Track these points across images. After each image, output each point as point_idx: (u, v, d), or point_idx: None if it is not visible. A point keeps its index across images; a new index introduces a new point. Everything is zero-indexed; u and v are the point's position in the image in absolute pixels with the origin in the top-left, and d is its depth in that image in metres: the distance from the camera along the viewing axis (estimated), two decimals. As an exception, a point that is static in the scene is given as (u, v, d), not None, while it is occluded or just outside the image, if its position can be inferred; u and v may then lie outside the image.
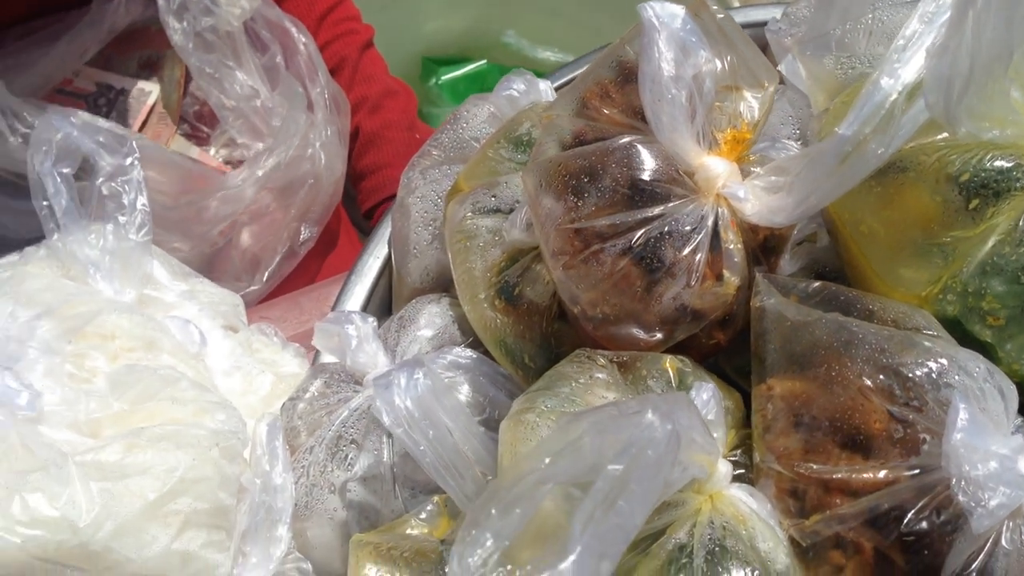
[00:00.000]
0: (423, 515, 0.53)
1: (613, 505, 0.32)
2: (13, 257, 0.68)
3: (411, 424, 0.48)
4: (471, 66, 1.49)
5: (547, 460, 0.35)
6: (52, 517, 0.44)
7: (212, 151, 0.96)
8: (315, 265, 0.98)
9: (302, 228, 0.91)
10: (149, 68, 0.99)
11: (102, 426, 0.50)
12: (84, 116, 0.79)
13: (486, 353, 0.57)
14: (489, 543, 0.32)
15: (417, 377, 0.48)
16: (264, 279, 0.90)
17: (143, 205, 0.62)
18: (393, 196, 1.10)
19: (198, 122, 0.97)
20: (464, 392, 0.53)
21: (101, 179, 0.61)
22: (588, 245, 0.50)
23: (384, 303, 0.71)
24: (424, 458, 0.48)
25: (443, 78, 1.47)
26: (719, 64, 0.50)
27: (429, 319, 0.59)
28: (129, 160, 0.62)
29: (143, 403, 0.51)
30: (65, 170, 0.61)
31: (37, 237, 0.63)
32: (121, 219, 0.61)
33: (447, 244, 0.62)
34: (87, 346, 0.54)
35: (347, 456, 0.55)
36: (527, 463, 0.36)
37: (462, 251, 0.59)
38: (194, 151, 0.95)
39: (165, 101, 0.97)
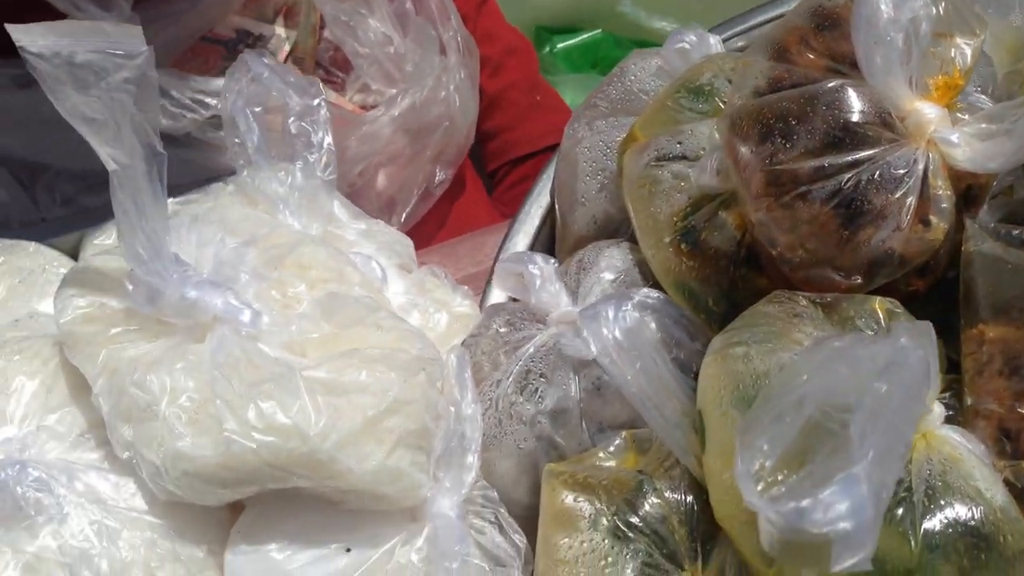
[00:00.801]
0: (611, 449, 0.54)
1: (883, 421, 0.33)
2: (194, 195, 0.71)
3: (619, 354, 0.49)
4: (586, 35, 1.49)
5: (804, 378, 0.36)
6: (285, 425, 0.46)
7: (347, 96, 0.97)
8: (445, 208, 0.99)
9: (437, 170, 0.93)
10: (285, 15, 1.01)
11: (311, 347, 0.52)
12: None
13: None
14: (765, 447, 0.33)
15: (626, 309, 0.49)
16: (401, 220, 0.92)
17: (329, 144, 0.64)
18: (516, 159, 1.12)
19: (332, 67, 0.99)
20: (653, 331, 0.54)
21: (292, 118, 0.63)
22: (793, 187, 0.50)
23: (546, 251, 0.72)
24: (629, 388, 0.49)
25: (558, 47, 1.48)
26: (934, 9, 0.50)
27: (610, 263, 0.60)
28: (316, 101, 0.64)
29: (348, 328, 0.53)
30: (256, 109, 0.64)
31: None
32: (310, 158, 0.63)
33: (625, 192, 0.63)
34: (288, 274, 0.56)
35: (536, 389, 0.56)
36: (779, 383, 0.37)
37: (645, 197, 0.60)
38: (331, 95, 0.97)
39: (301, 47, 0.99)
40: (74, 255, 0.68)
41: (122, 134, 0.46)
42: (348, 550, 0.51)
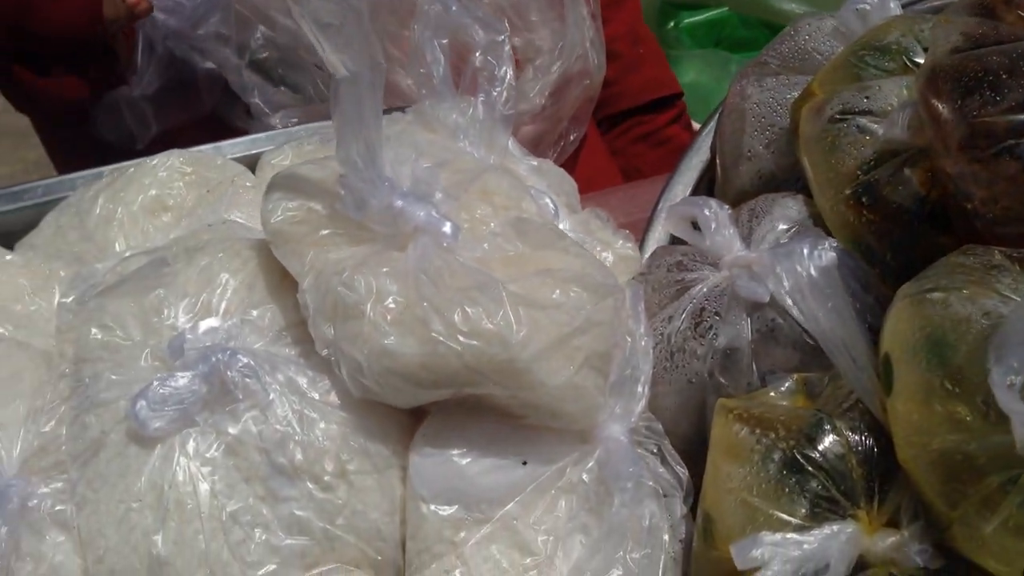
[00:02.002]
0: (781, 390, 0.55)
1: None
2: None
3: (812, 291, 0.50)
4: (713, 12, 1.48)
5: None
6: (489, 330, 0.48)
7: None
8: (571, 161, 1.01)
9: (572, 126, 0.94)
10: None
11: (500, 265, 0.54)
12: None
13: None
14: (1015, 364, 0.34)
15: (822, 247, 0.50)
16: (538, 177, 0.93)
17: (510, 79, 0.65)
18: (622, 112, 1.12)
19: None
20: (845, 273, 0.54)
21: (477, 52, 0.65)
22: (995, 142, 0.50)
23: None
24: (819, 326, 0.50)
25: (684, 22, 1.48)
26: None
27: (784, 212, 0.61)
28: (501, 37, 0.65)
29: (539, 250, 0.54)
30: (443, 41, 0.65)
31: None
32: (492, 92, 0.65)
33: (801, 146, 0.63)
34: (474, 198, 0.58)
35: (711, 327, 0.57)
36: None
37: (826, 150, 0.60)
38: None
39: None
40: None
41: (353, 42, 0.49)
42: (524, 463, 0.53)
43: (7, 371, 0.54)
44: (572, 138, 0.92)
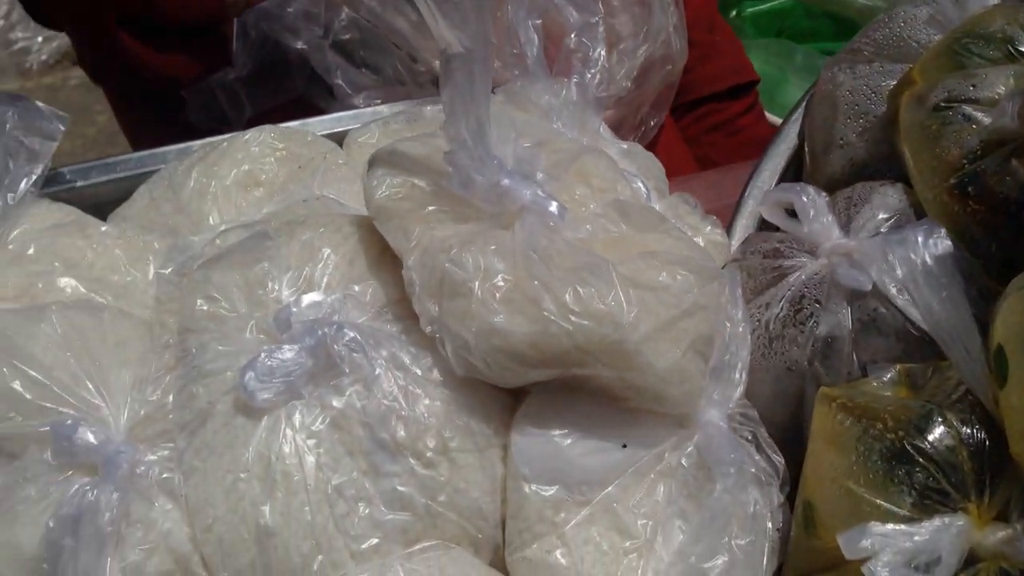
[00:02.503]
0: (884, 380, 0.55)
1: None
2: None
3: (926, 280, 0.49)
4: (776, 1, 1.47)
5: None
6: (601, 311, 0.48)
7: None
8: (648, 148, 1.00)
9: (652, 113, 0.93)
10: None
11: (602, 246, 0.53)
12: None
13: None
14: None
15: (938, 236, 0.49)
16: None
17: (603, 61, 0.65)
18: (696, 100, 1.10)
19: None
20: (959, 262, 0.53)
21: (572, 34, 0.64)
22: (1115, 132, 0.49)
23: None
24: (932, 317, 0.49)
25: (747, 11, 1.46)
26: None
27: (883, 201, 0.60)
28: (596, 18, 0.65)
29: (643, 232, 0.54)
30: (537, 21, 0.65)
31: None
32: (587, 74, 0.64)
33: (902, 135, 0.62)
34: (572, 179, 0.58)
35: (811, 315, 0.57)
36: None
37: (929, 139, 0.59)
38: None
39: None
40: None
41: (468, 18, 0.48)
42: (624, 446, 0.53)
43: (113, 339, 0.55)
44: (652, 124, 0.92)
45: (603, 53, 0.65)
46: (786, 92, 1.36)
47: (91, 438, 0.50)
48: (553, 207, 0.52)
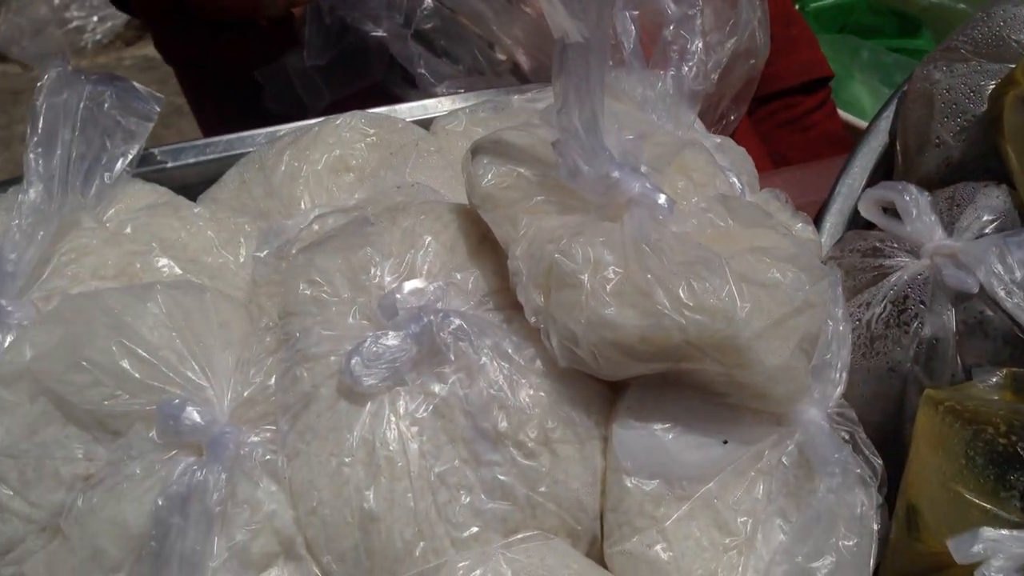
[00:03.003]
0: (990, 383, 0.54)
1: None
2: (537, 92, 0.73)
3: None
4: (842, -5, 1.45)
5: None
6: (715, 306, 0.47)
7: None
8: None
9: (732, 107, 0.92)
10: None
11: (712, 241, 0.53)
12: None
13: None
14: None
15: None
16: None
17: (700, 54, 0.64)
18: (770, 95, 1.09)
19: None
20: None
21: (670, 26, 0.64)
22: None
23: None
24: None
25: (810, 6, 1.45)
26: None
27: (988, 203, 0.59)
28: (694, 11, 0.64)
29: (750, 228, 0.54)
30: (634, 12, 0.65)
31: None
32: (684, 67, 0.64)
33: (1007, 135, 0.61)
34: (674, 173, 0.57)
35: (916, 315, 0.56)
36: None
37: (1039, 139, 0.58)
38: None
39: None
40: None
41: (590, 7, 0.48)
42: (725, 442, 0.53)
43: (216, 320, 0.55)
44: (732, 119, 0.91)
45: (700, 45, 0.64)
46: (851, 89, 1.35)
47: (197, 418, 0.51)
48: (662, 200, 0.52)
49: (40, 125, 0.59)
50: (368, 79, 0.90)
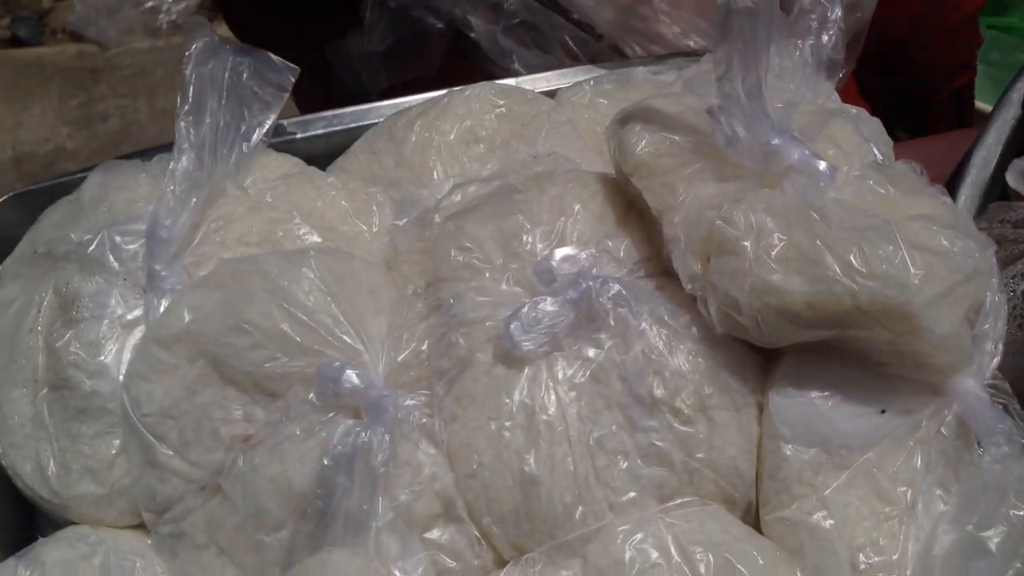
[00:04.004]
0: None
1: None
2: (661, 67, 0.72)
3: None
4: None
5: None
6: (888, 272, 0.47)
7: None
8: None
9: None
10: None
11: (871, 208, 0.52)
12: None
13: None
14: None
15: None
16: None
17: (839, 22, 0.64)
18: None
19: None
20: None
21: (808, -5, 0.63)
22: None
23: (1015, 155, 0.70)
24: None
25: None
26: None
27: None
28: (832, -22, 0.63)
29: (910, 196, 0.53)
30: None
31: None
32: (824, 36, 0.63)
33: None
34: (823, 142, 0.57)
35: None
36: None
37: None
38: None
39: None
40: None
41: (758, -28, 0.48)
42: (883, 411, 0.52)
43: (366, 286, 0.56)
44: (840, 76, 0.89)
45: (839, 13, 0.63)
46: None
47: (356, 381, 0.51)
48: (823, 167, 0.51)
49: (190, 94, 0.60)
50: (426, 68, 0.91)
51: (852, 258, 0.47)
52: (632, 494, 0.51)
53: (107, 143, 1.74)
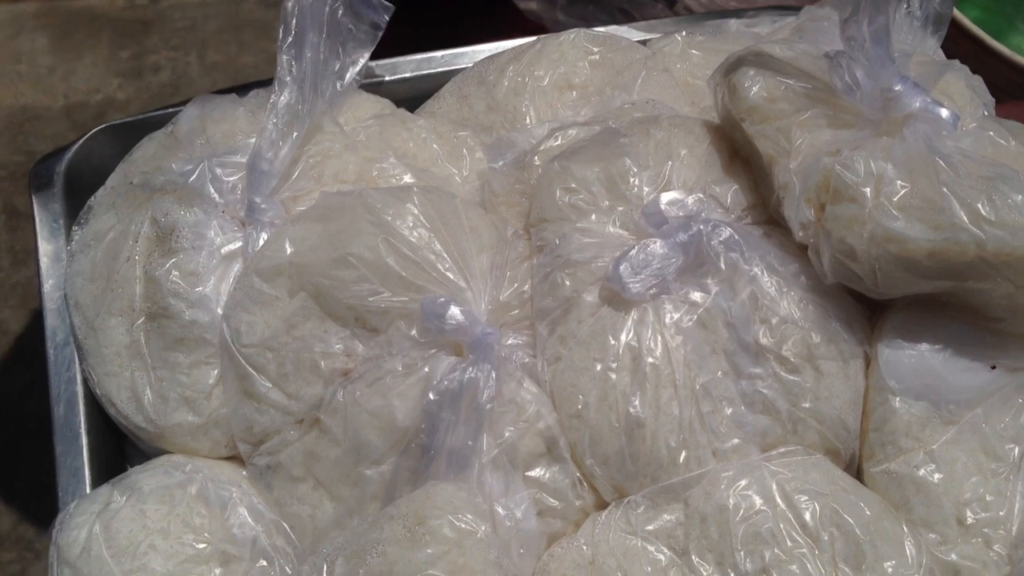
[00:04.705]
0: None
1: None
2: (753, 20, 0.71)
3: None
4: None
5: None
6: (1017, 221, 0.46)
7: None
8: None
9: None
10: None
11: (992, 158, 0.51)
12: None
13: None
14: None
15: None
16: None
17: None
18: None
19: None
20: None
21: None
22: None
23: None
24: None
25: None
26: None
27: None
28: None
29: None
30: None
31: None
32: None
33: None
34: (938, 94, 0.55)
35: None
36: None
37: None
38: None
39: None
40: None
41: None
42: (992, 367, 0.51)
43: (468, 225, 0.55)
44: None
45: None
46: (1012, 40, 1.30)
47: (461, 317, 0.51)
48: (945, 115, 0.50)
49: (292, 26, 0.59)
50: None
51: (980, 206, 0.46)
52: (736, 441, 0.51)
53: (158, 95, 1.74)
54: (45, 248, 0.63)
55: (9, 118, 1.60)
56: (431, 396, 0.50)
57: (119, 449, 0.62)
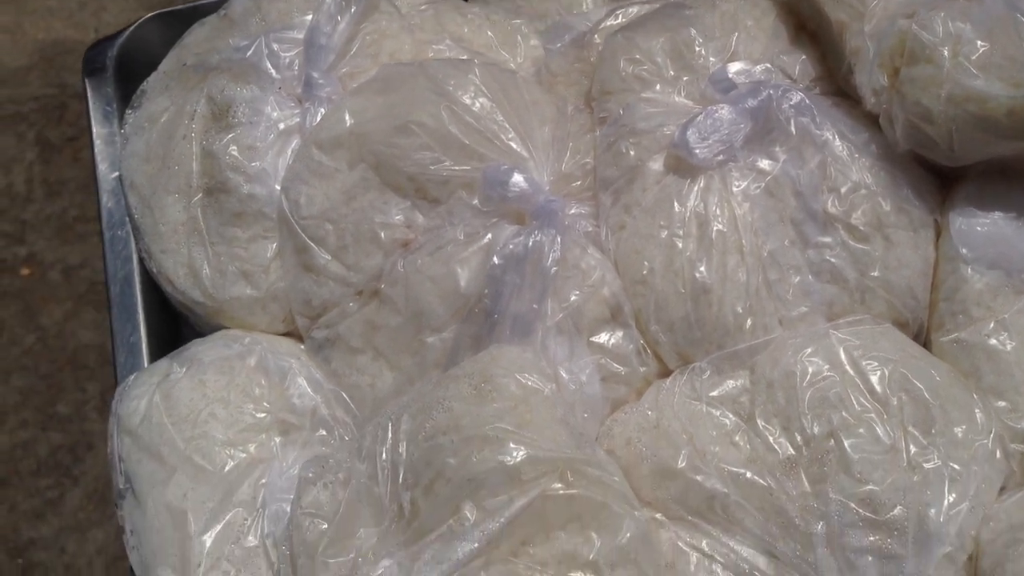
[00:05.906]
0: None
1: None
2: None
3: None
4: None
5: None
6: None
7: None
8: None
9: None
10: None
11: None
12: None
13: None
14: None
15: None
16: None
17: None
18: None
19: None
20: None
21: None
22: None
23: None
24: None
25: None
26: None
27: None
28: None
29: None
30: None
31: None
32: None
33: None
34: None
35: None
36: None
37: None
38: None
39: None
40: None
41: None
42: (1067, 239, 0.50)
43: (530, 98, 0.55)
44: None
45: None
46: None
47: (524, 185, 0.50)
48: None
49: (349, -101, 0.58)
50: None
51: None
52: (803, 309, 0.50)
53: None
54: (98, 131, 0.63)
55: (41, 52, 1.59)
56: (495, 260, 0.49)
57: (175, 332, 0.62)
